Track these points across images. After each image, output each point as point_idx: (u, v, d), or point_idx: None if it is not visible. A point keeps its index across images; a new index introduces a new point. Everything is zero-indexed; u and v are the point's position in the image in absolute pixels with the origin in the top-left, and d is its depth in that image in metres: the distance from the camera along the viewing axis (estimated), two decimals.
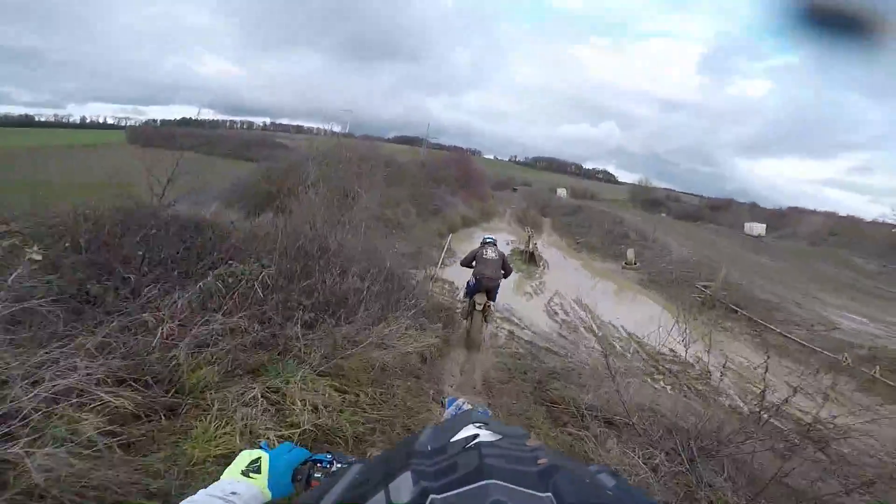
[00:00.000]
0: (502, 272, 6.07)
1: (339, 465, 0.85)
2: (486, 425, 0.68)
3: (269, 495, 0.77)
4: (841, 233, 39.75)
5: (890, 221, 34.42)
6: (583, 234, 20.76)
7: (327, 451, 0.89)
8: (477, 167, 32.13)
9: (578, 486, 0.50)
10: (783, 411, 3.88)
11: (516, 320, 8.77)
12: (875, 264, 25.50)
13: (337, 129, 16.97)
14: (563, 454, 0.66)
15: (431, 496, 0.48)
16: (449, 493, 0.48)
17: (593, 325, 9.30)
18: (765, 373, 3.48)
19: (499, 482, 0.48)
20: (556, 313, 9.77)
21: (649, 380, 6.80)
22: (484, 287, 5.80)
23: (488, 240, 6.43)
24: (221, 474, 0.77)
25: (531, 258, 14.16)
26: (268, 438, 2.28)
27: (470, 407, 1.35)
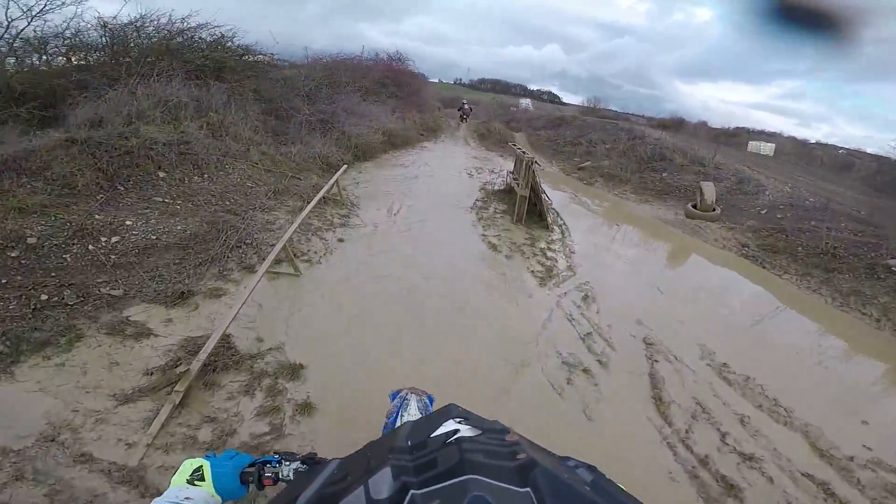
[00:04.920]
0: (470, 110, 19.98)
1: (287, 464, 0.84)
2: (466, 420, 0.66)
3: (219, 500, 0.77)
4: (790, 152, 36.22)
5: (832, 143, 33.33)
6: (582, 155, 13.12)
7: (274, 452, 0.88)
8: (415, 71, 21.74)
9: (557, 480, 0.49)
10: None
11: None
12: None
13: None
14: (542, 449, 0.60)
15: (411, 492, 0.46)
16: (429, 489, 0.47)
17: None
18: None
19: (479, 477, 0.47)
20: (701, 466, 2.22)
21: None
22: (462, 116, 19.29)
23: (464, 103, 20.23)
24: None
25: (531, 208, 6.34)
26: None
27: (415, 396, 1.50)
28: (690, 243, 7.19)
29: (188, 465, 0.78)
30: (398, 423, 1.46)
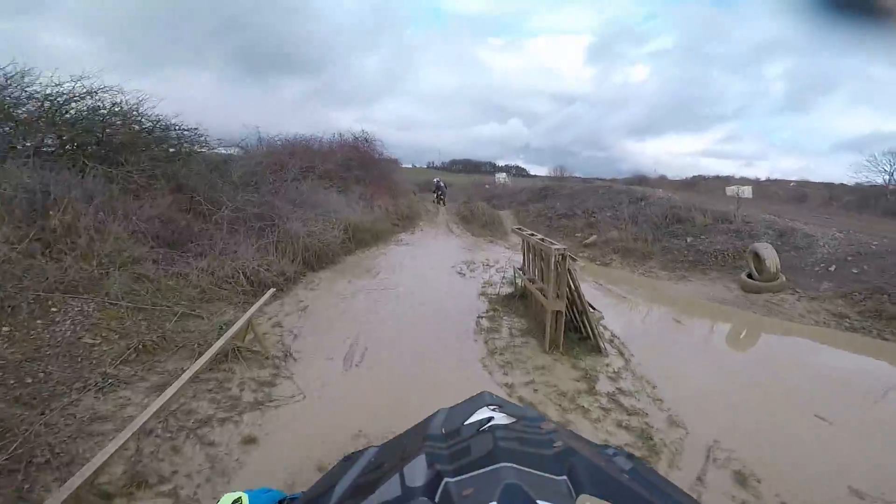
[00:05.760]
0: (446, 187, 19.29)
1: None
2: (501, 408, 0.63)
3: None
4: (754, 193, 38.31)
5: (783, 178, 33.91)
6: (583, 228, 11.45)
7: (301, 491, 0.87)
8: (386, 155, 19.33)
9: (594, 469, 0.46)
10: None
11: None
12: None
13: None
14: (580, 438, 0.58)
15: (445, 479, 0.45)
16: (463, 477, 0.45)
17: None
18: None
19: (513, 465, 0.46)
20: None
21: None
22: (438, 199, 17.95)
23: (438, 181, 19.54)
24: None
25: (581, 336, 4.16)
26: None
27: None
28: (776, 327, 5.17)
29: (227, 499, 0.79)
30: None
